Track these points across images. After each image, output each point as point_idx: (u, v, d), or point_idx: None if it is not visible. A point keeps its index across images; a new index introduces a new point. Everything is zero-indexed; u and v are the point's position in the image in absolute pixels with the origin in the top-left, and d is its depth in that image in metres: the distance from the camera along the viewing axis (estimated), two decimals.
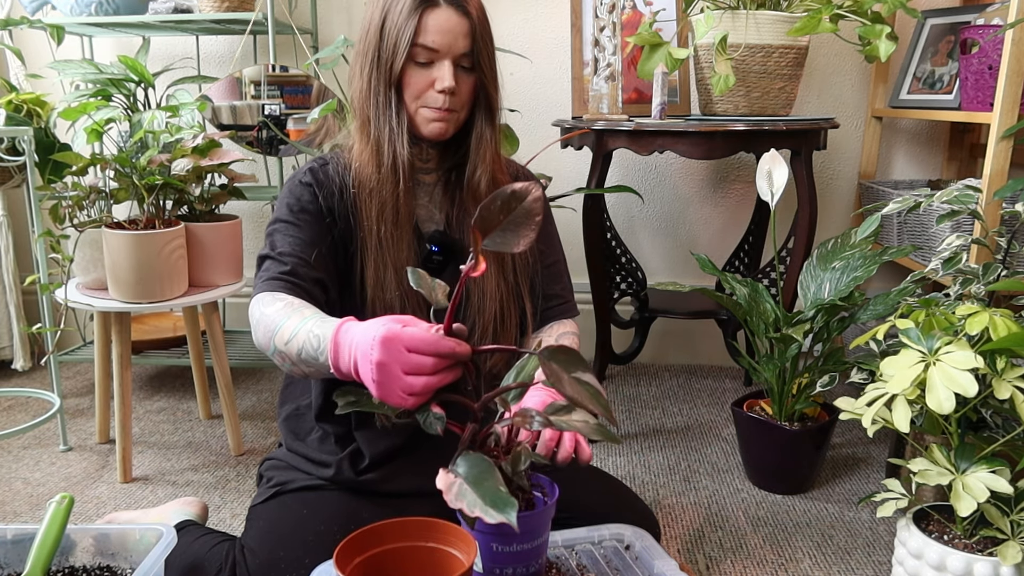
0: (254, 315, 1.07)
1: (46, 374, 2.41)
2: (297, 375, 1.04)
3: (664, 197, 2.51)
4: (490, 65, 1.16)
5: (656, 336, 2.55)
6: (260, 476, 1.32)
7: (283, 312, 1.02)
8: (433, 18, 1.09)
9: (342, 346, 0.92)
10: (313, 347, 0.96)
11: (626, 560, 1.07)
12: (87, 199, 1.76)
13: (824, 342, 1.68)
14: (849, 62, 2.36)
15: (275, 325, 1.02)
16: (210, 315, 1.87)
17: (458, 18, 1.10)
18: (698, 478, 1.81)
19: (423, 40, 1.09)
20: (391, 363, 0.83)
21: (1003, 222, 1.67)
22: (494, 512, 0.74)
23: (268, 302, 1.06)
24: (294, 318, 1.00)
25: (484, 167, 1.19)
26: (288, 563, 1.11)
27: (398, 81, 1.12)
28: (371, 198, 1.15)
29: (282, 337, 1.00)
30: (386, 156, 1.13)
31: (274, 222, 1.16)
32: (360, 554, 0.86)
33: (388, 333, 0.84)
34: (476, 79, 1.15)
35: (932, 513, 1.27)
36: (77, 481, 1.78)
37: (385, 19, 1.11)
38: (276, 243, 1.13)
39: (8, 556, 1.06)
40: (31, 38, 2.52)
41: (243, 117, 2.22)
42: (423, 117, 1.14)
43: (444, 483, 0.79)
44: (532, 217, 0.82)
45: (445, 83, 1.10)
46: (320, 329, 0.96)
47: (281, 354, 1.01)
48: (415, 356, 0.83)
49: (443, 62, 1.11)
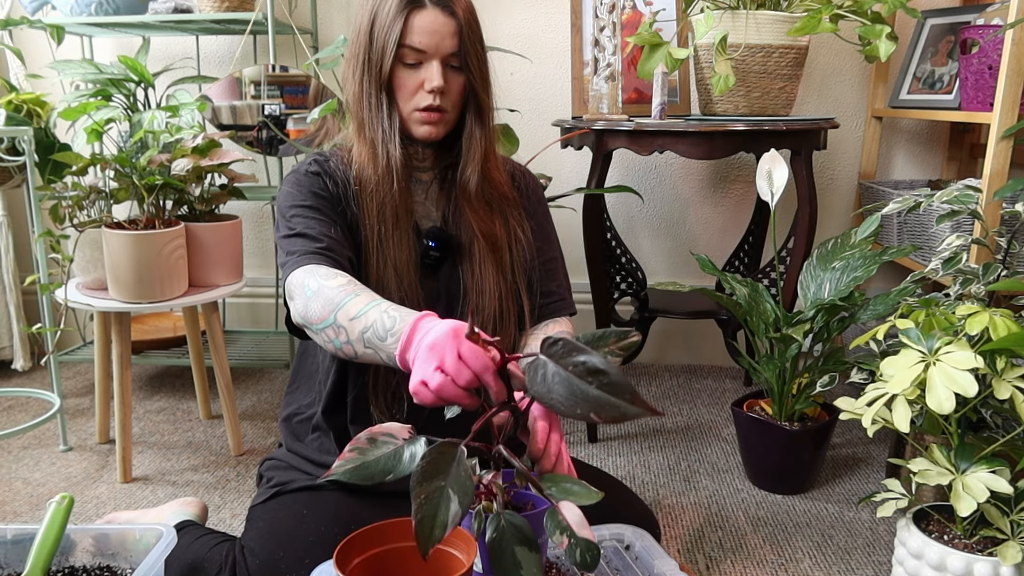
0: (308, 285, 1.04)
1: (46, 374, 2.41)
2: (343, 354, 1.02)
3: (664, 197, 2.51)
4: (479, 65, 1.16)
5: (656, 336, 2.55)
6: (260, 476, 1.32)
7: (350, 289, 1.02)
8: (419, 19, 1.10)
9: (419, 331, 0.92)
10: (386, 327, 0.95)
11: (626, 560, 1.07)
12: (87, 199, 1.76)
13: (824, 342, 1.68)
14: (849, 62, 2.36)
15: (340, 299, 1.00)
16: (210, 315, 1.87)
17: (444, 18, 1.11)
18: (698, 478, 1.81)
19: (410, 41, 1.11)
20: (442, 349, 0.86)
21: (1003, 222, 1.67)
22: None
23: (326, 275, 1.04)
24: (364, 296, 1.00)
25: (475, 166, 1.19)
26: (288, 563, 1.11)
27: (388, 83, 1.13)
28: (371, 198, 1.16)
29: (348, 312, 0.99)
30: (380, 157, 1.15)
31: (289, 209, 1.15)
32: (360, 554, 0.86)
33: (456, 331, 0.87)
34: (465, 79, 1.16)
35: (932, 513, 1.27)
36: (77, 481, 1.78)
37: (373, 22, 1.12)
38: (297, 225, 1.12)
39: (8, 556, 1.06)
40: (31, 38, 2.52)
41: (243, 117, 2.22)
42: (415, 119, 1.15)
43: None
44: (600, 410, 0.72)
45: (433, 83, 1.11)
46: (398, 312, 0.96)
47: (338, 328, 0.99)
48: (460, 361, 0.85)
49: (431, 62, 1.12)
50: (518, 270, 1.24)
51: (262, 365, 2.42)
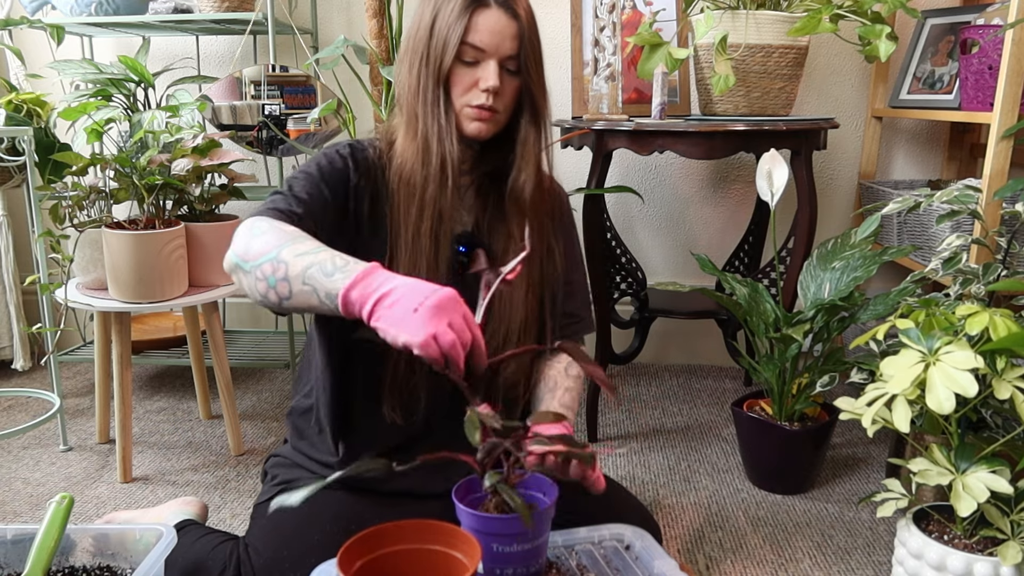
0: (259, 227, 1.03)
1: (46, 374, 2.41)
2: (272, 296, 1.00)
3: (664, 197, 2.51)
4: (536, 69, 1.16)
5: (656, 336, 2.55)
6: (265, 473, 1.32)
7: (303, 234, 1.02)
8: (483, 18, 1.10)
9: (375, 278, 0.94)
10: (336, 265, 0.96)
11: (626, 560, 1.07)
12: (87, 199, 1.76)
13: (824, 342, 1.68)
14: (849, 62, 2.36)
15: (292, 238, 1.00)
16: (210, 315, 1.87)
17: (507, 20, 1.11)
18: (698, 478, 1.81)
19: (471, 39, 1.10)
20: (451, 310, 0.91)
21: (1003, 222, 1.67)
22: None
23: (282, 224, 1.04)
24: (316, 242, 1.01)
25: (529, 172, 1.18)
26: (292, 562, 1.11)
27: (446, 79, 1.13)
28: (412, 195, 1.14)
29: (296, 249, 0.98)
30: (434, 153, 1.13)
31: (301, 171, 1.15)
32: (363, 557, 0.86)
33: (456, 296, 0.93)
34: (521, 82, 1.15)
35: (932, 513, 1.27)
36: (77, 481, 1.78)
37: (436, 17, 1.12)
38: (295, 187, 1.12)
39: (8, 556, 1.06)
40: (31, 38, 2.51)
41: (243, 117, 2.22)
42: (466, 115, 1.14)
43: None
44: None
45: (489, 82, 1.10)
46: (350, 258, 0.98)
47: (278, 263, 0.98)
48: (464, 323, 0.92)
49: (489, 62, 1.11)
50: (546, 284, 1.24)
51: (262, 365, 2.42)
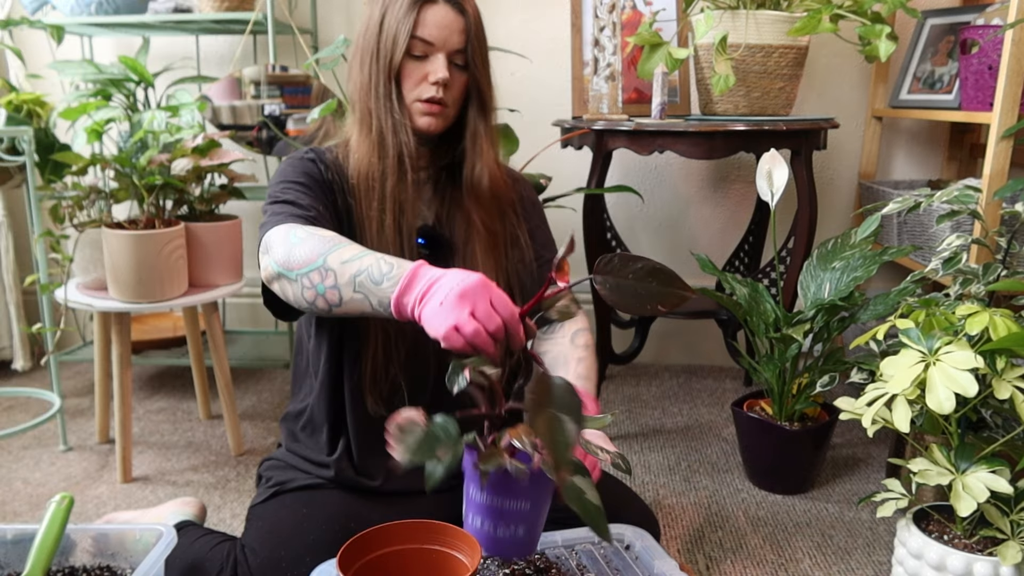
0: (295, 234, 1.02)
1: (46, 374, 2.41)
2: (322, 303, 0.99)
3: (664, 197, 2.51)
4: (483, 63, 1.19)
5: (656, 336, 2.55)
6: (259, 477, 1.32)
7: (341, 238, 1.02)
8: (431, 13, 1.14)
9: (420, 278, 0.93)
10: (383, 272, 0.96)
11: (626, 560, 1.07)
12: (87, 199, 1.76)
13: (824, 342, 1.68)
14: (849, 62, 2.36)
15: (333, 244, 1.00)
16: (210, 315, 1.87)
17: (454, 15, 1.15)
18: (698, 478, 1.81)
19: (420, 33, 1.14)
20: (474, 296, 0.88)
21: (1003, 222, 1.67)
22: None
23: (314, 228, 1.04)
24: (356, 246, 1.00)
25: (482, 163, 1.21)
26: (289, 562, 1.11)
27: (398, 74, 1.16)
28: (372, 190, 1.16)
29: (341, 256, 0.98)
30: (391, 146, 1.16)
31: (280, 184, 1.15)
32: (362, 557, 0.86)
33: (485, 280, 0.91)
34: (468, 77, 1.19)
35: (932, 513, 1.27)
36: (77, 481, 1.78)
37: (385, 15, 1.16)
38: (287, 195, 1.13)
39: (8, 556, 1.06)
40: (31, 38, 2.51)
41: (243, 117, 2.22)
42: (416, 110, 1.17)
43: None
44: (664, 300, 0.87)
45: (439, 74, 1.14)
46: (395, 260, 0.97)
47: (326, 271, 0.98)
48: (492, 308, 0.89)
49: (437, 55, 1.15)
50: (512, 272, 1.25)
51: (262, 365, 2.42)
